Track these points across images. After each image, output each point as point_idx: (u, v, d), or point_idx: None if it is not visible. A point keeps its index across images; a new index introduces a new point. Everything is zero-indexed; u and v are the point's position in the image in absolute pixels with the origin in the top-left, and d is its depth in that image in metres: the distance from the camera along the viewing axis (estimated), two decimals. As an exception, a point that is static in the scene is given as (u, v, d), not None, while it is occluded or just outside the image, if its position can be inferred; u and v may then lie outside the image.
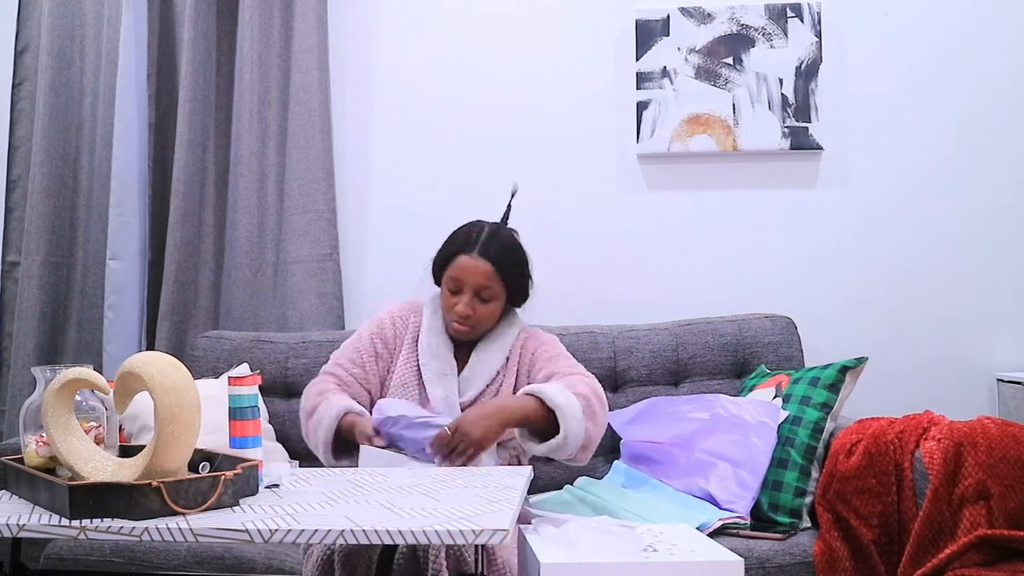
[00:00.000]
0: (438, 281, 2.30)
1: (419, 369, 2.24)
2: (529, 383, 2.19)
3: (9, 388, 3.05)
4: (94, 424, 1.71)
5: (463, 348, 2.28)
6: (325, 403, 2.14)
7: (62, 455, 1.54)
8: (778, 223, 3.03)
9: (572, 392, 2.08)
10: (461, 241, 2.24)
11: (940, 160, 2.99)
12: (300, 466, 2.04)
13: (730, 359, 2.76)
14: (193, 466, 1.59)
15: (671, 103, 3.00)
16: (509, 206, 2.34)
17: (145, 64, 3.06)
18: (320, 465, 2.12)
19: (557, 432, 2.03)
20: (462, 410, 2.15)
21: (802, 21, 2.97)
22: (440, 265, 2.27)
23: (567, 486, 2.50)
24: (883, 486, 2.15)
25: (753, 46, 2.98)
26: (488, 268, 2.19)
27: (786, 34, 2.97)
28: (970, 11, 2.99)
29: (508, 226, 2.30)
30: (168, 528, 1.39)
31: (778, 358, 2.74)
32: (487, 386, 2.22)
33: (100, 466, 1.54)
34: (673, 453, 2.47)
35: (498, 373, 2.24)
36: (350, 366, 2.26)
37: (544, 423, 2.06)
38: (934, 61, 3.00)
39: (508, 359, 2.26)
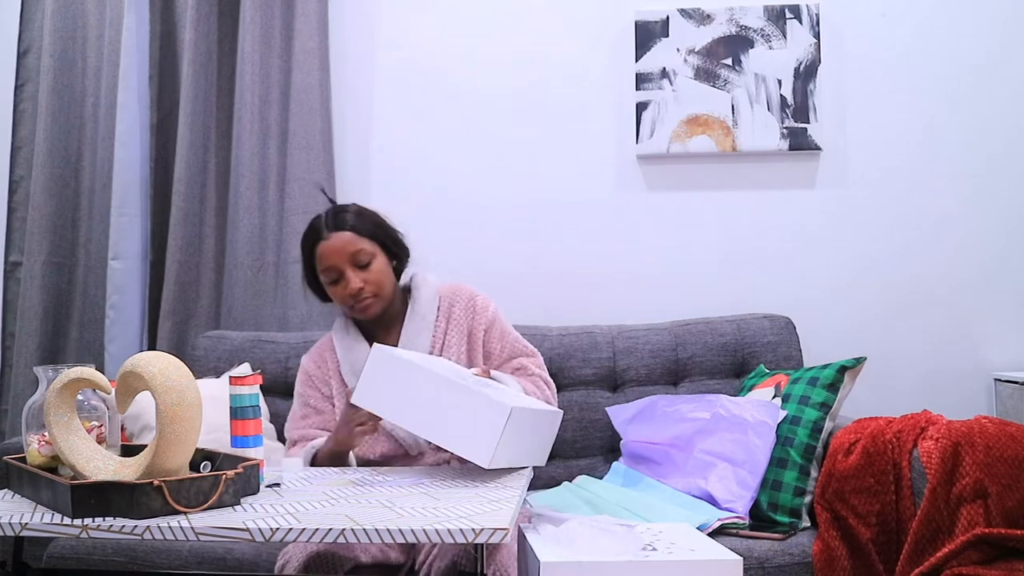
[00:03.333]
0: (322, 292, 2.21)
1: (342, 377, 2.19)
2: (485, 348, 2.20)
3: (11, 388, 3.06)
4: (96, 423, 1.72)
5: (392, 344, 2.21)
6: (296, 452, 2.11)
7: (64, 454, 1.55)
8: (777, 223, 3.03)
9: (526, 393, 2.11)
10: (311, 236, 2.17)
11: (938, 160, 3.00)
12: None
13: (729, 359, 2.76)
14: (194, 465, 1.60)
15: (670, 104, 3.01)
16: (331, 200, 2.34)
17: (147, 65, 3.07)
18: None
19: None
20: None
21: (801, 22, 2.97)
22: (311, 274, 2.19)
23: (566, 484, 2.51)
24: (881, 485, 2.15)
25: (752, 47, 2.99)
26: (348, 235, 2.13)
27: (785, 35, 2.98)
28: (970, 12, 2.99)
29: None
30: (170, 527, 1.40)
31: (777, 358, 2.75)
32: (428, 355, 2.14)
33: (102, 465, 1.54)
34: (672, 454, 2.47)
35: (431, 348, 2.17)
36: (307, 418, 2.20)
37: None
38: (933, 61, 3.00)
39: (437, 332, 2.19)
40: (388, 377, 1.83)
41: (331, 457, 2.02)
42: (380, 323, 2.22)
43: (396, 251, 2.22)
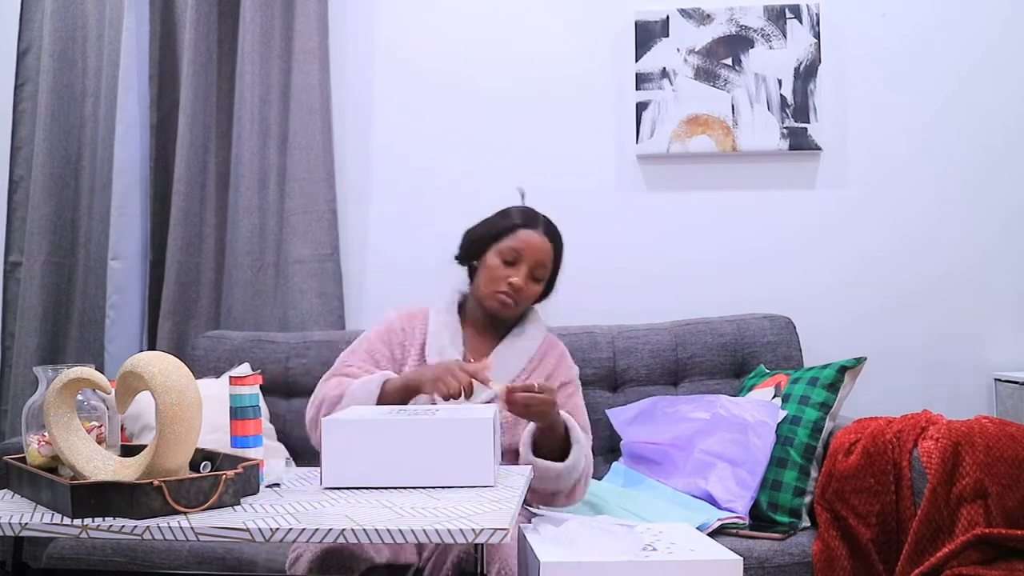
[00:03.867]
0: (474, 256, 2.24)
1: (424, 354, 2.19)
2: None
3: (11, 388, 3.06)
4: (96, 424, 1.71)
5: (475, 351, 2.23)
6: (352, 385, 2.03)
7: (64, 454, 1.55)
8: (777, 223, 3.03)
9: (584, 460, 2.08)
10: (523, 217, 2.23)
11: (939, 160, 3.00)
12: (298, 465, 2.05)
13: (729, 359, 2.76)
14: (194, 465, 1.59)
15: (670, 104, 3.01)
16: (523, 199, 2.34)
17: (146, 65, 3.07)
18: (319, 465, 2.11)
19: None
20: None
21: (801, 22, 2.97)
22: (489, 239, 2.22)
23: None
24: (881, 485, 2.15)
25: (752, 47, 2.99)
26: (550, 247, 2.22)
27: (785, 35, 2.98)
28: (970, 12, 2.99)
29: None
30: (169, 527, 1.39)
31: (777, 358, 2.75)
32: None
33: (102, 465, 1.54)
34: (672, 454, 2.48)
35: (515, 380, 2.18)
36: (363, 364, 2.18)
37: (557, 448, 2.05)
38: (933, 61, 3.00)
39: (528, 368, 2.22)
40: (351, 446, 1.68)
41: (403, 392, 1.99)
42: (482, 329, 2.26)
43: (549, 291, 2.30)
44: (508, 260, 2.18)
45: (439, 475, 1.67)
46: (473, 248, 2.26)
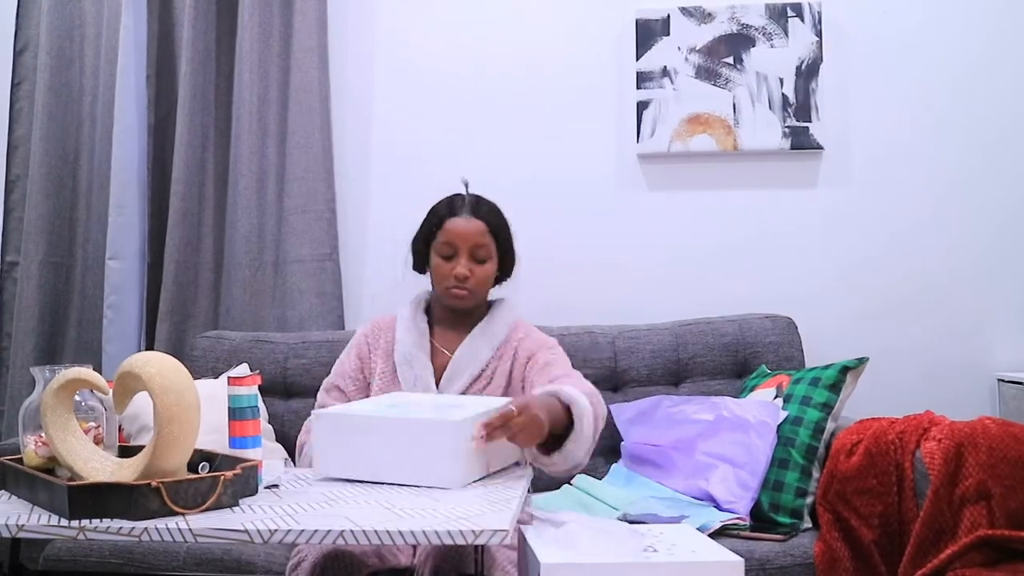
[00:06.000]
0: (423, 262, 2.26)
1: (398, 379, 2.18)
2: (524, 382, 2.15)
3: (8, 388, 3.05)
4: (93, 424, 1.71)
5: (445, 345, 2.22)
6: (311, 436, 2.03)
7: (61, 455, 1.54)
8: (779, 223, 3.02)
9: (580, 390, 1.98)
10: (447, 208, 2.22)
11: (941, 160, 2.99)
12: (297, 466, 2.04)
13: (731, 359, 2.76)
14: (192, 466, 1.59)
15: (671, 103, 3.00)
16: (466, 186, 2.31)
17: (144, 64, 3.06)
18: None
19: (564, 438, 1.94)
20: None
21: (802, 21, 2.97)
22: (426, 239, 2.24)
23: (566, 486, 2.50)
24: (884, 486, 2.14)
25: (753, 46, 2.98)
26: (481, 226, 2.19)
27: (786, 34, 2.97)
28: (972, 10, 2.99)
29: None
30: (167, 528, 1.39)
31: (779, 358, 2.74)
32: (472, 382, 2.15)
33: (99, 466, 1.53)
34: (674, 456, 2.47)
35: (486, 367, 2.17)
36: (340, 383, 2.21)
37: (560, 425, 1.95)
38: (936, 59, 2.99)
39: (499, 352, 2.19)
40: (338, 439, 1.77)
41: None
42: (450, 323, 2.24)
43: (506, 267, 2.27)
44: (446, 255, 2.19)
45: (408, 473, 1.69)
46: (418, 255, 2.28)
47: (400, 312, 2.28)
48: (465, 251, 2.17)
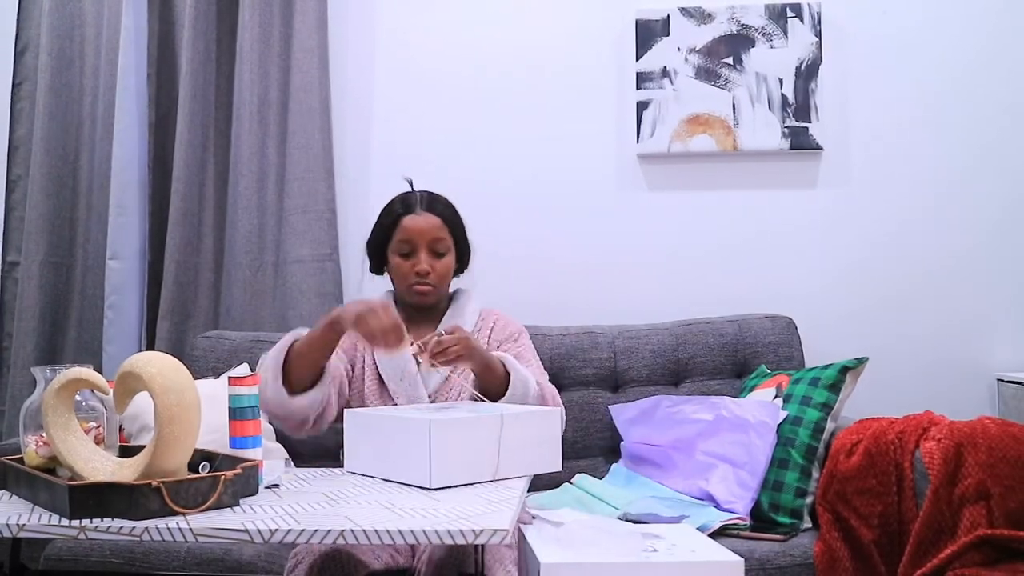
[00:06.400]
0: (380, 264, 2.27)
1: (379, 374, 2.18)
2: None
3: (9, 388, 3.05)
4: (94, 424, 1.71)
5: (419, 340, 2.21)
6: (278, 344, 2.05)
7: (62, 455, 1.54)
8: (778, 223, 3.02)
9: (533, 380, 2.05)
10: (400, 208, 2.23)
11: (940, 160, 2.99)
12: (297, 466, 2.04)
13: (730, 359, 2.76)
14: (193, 466, 1.59)
15: (671, 103, 3.00)
16: (411, 184, 2.32)
17: (145, 64, 3.06)
18: (318, 465, 2.11)
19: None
20: (432, 401, 2.13)
21: (802, 21, 2.97)
22: (382, 241, 2.24)
23: (566, 484, 2.50)
24: (883, 486, 2.15)
25: (753, 46, 2.98)
26: (436, 221, 2.21)
27: (786, 34, 2.97)
28: (972, 10, 2.99)
29: None
30: (168, 528, 1.39)
31: (778, 358, 2.74)
32: (451, 371, 2.12)
33: (100, 466, 1.53)
34: (673, 456, 2.47)
35: None
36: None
37: (496, 388, 2.02)
38: (935, 60, 3.00)
39: (472, 332, 2.19)
40: (360, 435, 1.84)
41: (327, 330, 1.95)
42: (418, 318, 2.23)
43: (463, 259, 2.28)
44: (404, 253, 2.20)
45: (394, 469, 1.73)
46: (376, 257, 2.28)
47: None
48: (424, 247, 2.19)
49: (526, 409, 1.87)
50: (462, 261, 2.28)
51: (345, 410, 1.89)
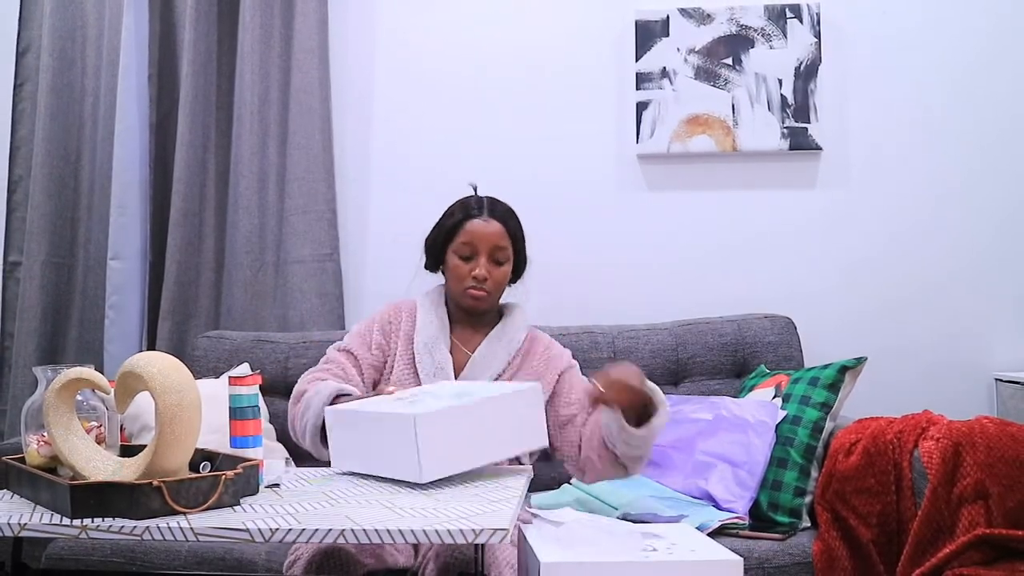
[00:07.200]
0: (437, 262, 2.26)
1: (415, 367, 2.19)
2: (554, 394, 2.15)
3: (10, 388, 3.06)
4: (95, 424, 1.71)
5: (463, 343, 2.23)
6: (315, 387, 2.06)
7: (63, 455, 1.54)
8: (777, 223, 3.03)
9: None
10: (465, 210, 2.22)
11: (939, 160, 2.99)
12: (298, 466, 2.04)
13: (730, 359, 2.76)
14: (194, 466, 1.59)
15: (671, 103, 3.01)
16: (475, 189, 2.31)
17: (146, 65, 3.07)
18: (317, 464, 2.11)
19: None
20: None
21: (801, 22, 2.97)
22: (443, 240, 2.22)
23: (566, 485, 2.50)
24: (882, 486, 2.15)
25: (752, 47, 2.99)
26: (500, 228, 2.20)
27: (785, 35, 2.98)
28: (972, 11, 2.99)
29: None
30: (169, 527, 1.39)
31: (778, 358, 2.74)
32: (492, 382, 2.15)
33: (101, 466, 1.54)
34: (673, 456, 2.47)
35: (503, 372, 2.18)
36: (355, 348, 2.20)
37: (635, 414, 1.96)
38: (935, 60, 3.00)
39: (515, 360, 2.20)
40: (345, 434, 1.84)
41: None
42: (466, 322, 2.24)
43: (519, 269, 2.27)
44: (465, 256, 2.19)
45: (384, 465, 1.73)
46: (433, 255, 2.27)
47: (420, 302, 2.27)
48: (485, 253, 2.18)
49: (505, 389, 1.87)
50: (517, 271, 2.28)
51: (326, 408, 1.89)
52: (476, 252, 2.18)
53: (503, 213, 2.23)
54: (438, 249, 2.25)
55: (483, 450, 1.75)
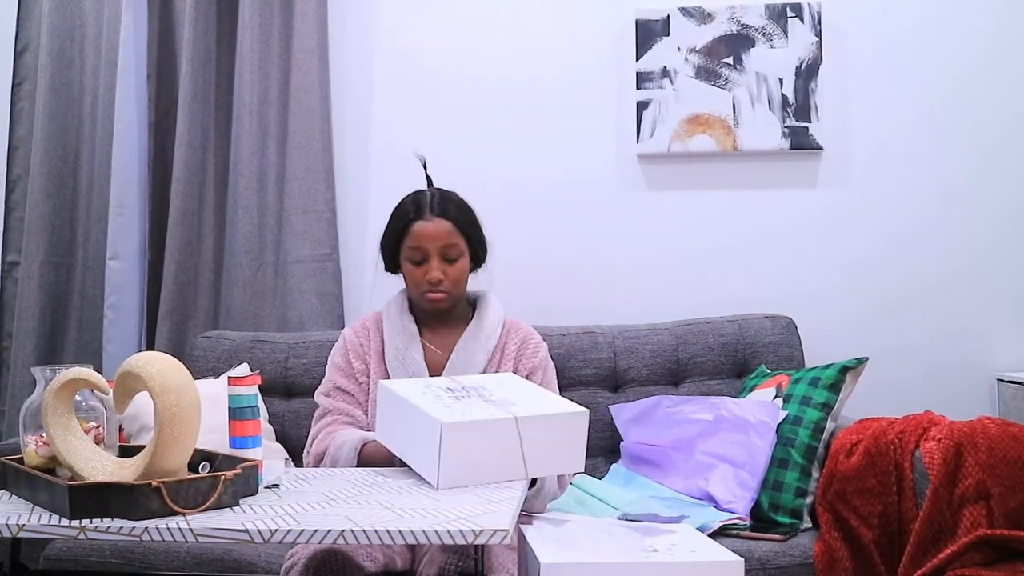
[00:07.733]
0: (394, 265, 2.20)
1: (387, 370, 2.14)
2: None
3: (9, 388, 3.05)
4: (94, 424, 1.71)
5: (438, 344, 2.18)
6: (333, 440, 2.02)
7: (62, 455, 1.54)
8: (778, 223, 3.02)
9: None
10: (410, 210, 2.15)
11: (940, 160, 2.99)
12: (297, 466, 2.04)
13: (730, 359, 2.76)
14: (193, 466, 1.59)
15: (671, 103, 3.00)
16: (428, 177, 2.27)
17: (145, 64, 3.06)
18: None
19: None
20: None
21: (802, 21, 2.97)
22: (394, 244, 2.17)
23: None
24: (883, 486, 2.14)
25: (753, 46, 2.98)
26: (447, 225, 2.12)
27: (786, 34, 2.97)
28: (972, 10, 2.99)
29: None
30: (168, 528, 1.39)
31: (778, 358, 2.74)
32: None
33: (100, 466, 1.53)
34: (673, 456, 2.47)
35: (483, 371, 2.13)
36: (346, 385, 2.15)
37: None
38: (935, 59, 2.99)
39: (493, 357, 2.16)
40: (389, 413, 1.84)
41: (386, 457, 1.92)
42: (437, 322, 2.20)
43: (479, 257, 2.21)
44: (416, 260, 2.13)
45: (413, 458, 1.74)
46: (388, 259, 2.21)
47: (385, 313, 2.22)
48: (436, 254, 2.11)
49: (557, 407, 1.80)
50: (477, 259, 2.20)
51: (380, 380, 1.89)
52: (427, 255, 2.11)
53: (450, 207, 2.15)
54: (392, 254, 2.19)
55: (512, 466, 1.69)
